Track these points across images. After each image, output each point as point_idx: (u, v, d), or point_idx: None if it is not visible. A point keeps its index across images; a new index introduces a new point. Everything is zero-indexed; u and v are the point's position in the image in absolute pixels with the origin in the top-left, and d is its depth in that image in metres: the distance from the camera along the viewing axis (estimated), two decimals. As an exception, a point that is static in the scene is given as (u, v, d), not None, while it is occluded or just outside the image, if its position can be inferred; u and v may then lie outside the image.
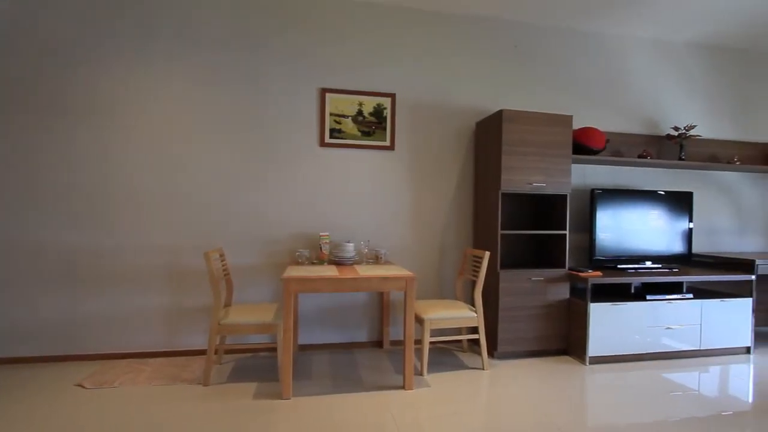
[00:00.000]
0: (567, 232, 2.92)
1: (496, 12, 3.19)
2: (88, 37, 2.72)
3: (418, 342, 3.16)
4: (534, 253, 3.29)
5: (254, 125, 2.93)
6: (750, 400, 2.28)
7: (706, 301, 2.95)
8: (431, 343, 3.18)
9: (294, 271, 2.37)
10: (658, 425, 1.99)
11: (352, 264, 2.75)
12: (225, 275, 2.68)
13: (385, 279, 2.31)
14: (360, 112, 3.04)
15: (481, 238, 3.10)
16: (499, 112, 2.81)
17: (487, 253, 2.63)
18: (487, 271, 2.94)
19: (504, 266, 2.96)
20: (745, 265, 3.10)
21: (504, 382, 2.47)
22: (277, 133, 2.96)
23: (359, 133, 3.05)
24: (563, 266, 2.92)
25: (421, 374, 2.58)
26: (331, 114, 3.00)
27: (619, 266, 3.15)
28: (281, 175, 2.97)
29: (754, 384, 2.50)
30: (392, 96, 3.08)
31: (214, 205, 2.88)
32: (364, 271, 2.44)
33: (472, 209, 3.28)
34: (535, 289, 2.87)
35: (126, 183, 2.78)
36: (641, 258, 3.22)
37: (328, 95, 2.99)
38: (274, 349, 2.95)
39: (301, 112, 2.99)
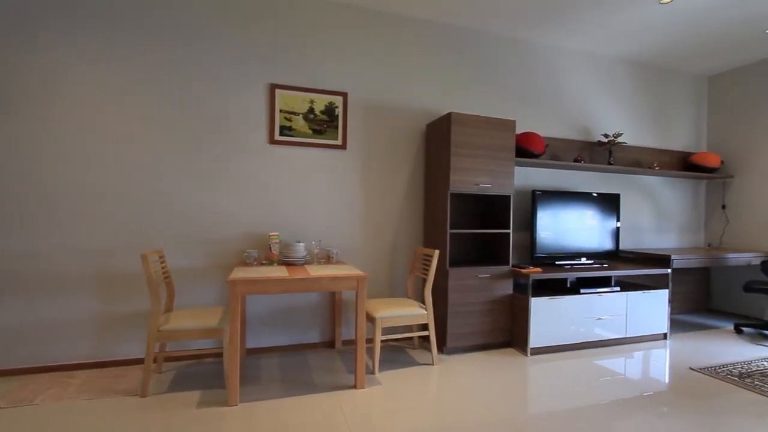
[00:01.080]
0: (511, 231, 3.08)
1: (446, 18, 3.29)
2: (13, 27, 2.43)
3: (371, 341, 3.17)
4: (480, 251, 3.43)
5: (199, 120, 2.78)
6: (666, 380, 2.55)
7: (631, 293, 3.24)
8: (383, 341, 3.21)
9: (241, 273, 2.28)
10: (590, 409, 2.16)
11: (302, 264, 2.71)
12: (165, 278, 2.52)
13: (336, 279, 2.30)
14: (311, 110, 3.00)
15: (431, 237, 3.18)
16: (448, 115, 2.90)
17: (437, 252, 2.70)
18: (436, 269, 3.02)
19: (453, 264, 3.06)
20: (662, 260, 3.45)
21: (452, 376, 2.55)
22: (224, 129, 2.84)
23: (311, 132, 3.00)
24: (507, 263, 3.08)
25: (373, 373, 2.59)
26: (281, 111, 2.93)
27: (557, 262, 3.38)
28: (228, 173, 2.85)
29: (670, 366, 2.79)
30: (344, 95, 3.07)
31: (155, 204, 2.70)
32: (315, 271, 2.41)
33: (422, 209, 3.35)
34: (481, 285, 2.99)
35: (51, 180, 2.52)
36: (577, 254, 3.47)
37: (278, 91, 2.92)
38: (220, 355, 2.83)
39: (250, 107, 2.89)
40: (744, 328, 3.63)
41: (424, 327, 3.11)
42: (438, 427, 1.94)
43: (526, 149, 3.29)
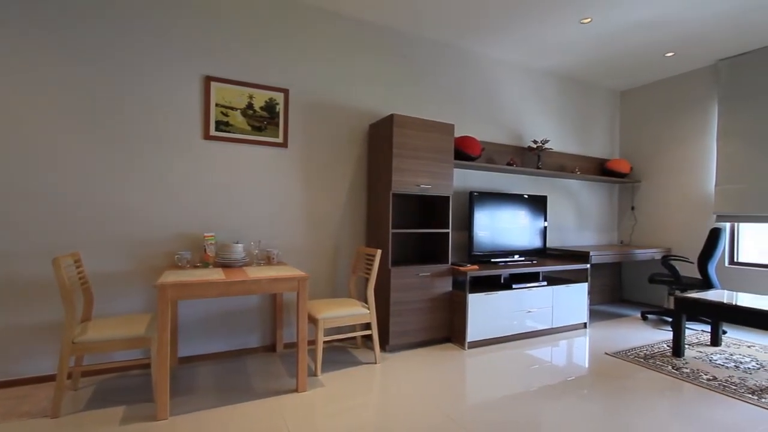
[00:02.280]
0: (450, 231, 3.21)
1: (389, 21, 3.34)
2: None
3: (314, 342, 3.13)
4: (421, 251, 3.53)
5: (123, 113, 2.55)
6: (586, 365, 2.80)
7: (556, 287, 3.53)
8: (326, 342, 3.18)
9: (172, 276, 2.13)
10: (521, 395, 2.31)
11: (241, 266, 2.60)
12: (82, 284, 2.28)
13: (277, 280, 2.24)
14: (250, 106, 2.89)
15: (373, 236, 3.21)
16: (391, 117, 2.95)
17: (379, 251, 2.73)
18: (379, 268, 3.05)
19: (395, 263, 3.12)
20: (582, 256, 3.80)
21: (394, 374, 2.60)
22: (152, 123, 2.63)
23: (249, 128, 2.89)
24: (447, 262, 3.20)
25: (315, 375, 2.55)
26: (217, 105, 2.78)
27: (493, 260, 3.57)
28: (157, 170, 2.65)
29: (589, 352, 3.08)
30: (285, 91, 3.00)
31: (69, 203, 2.43)
32: (255, 272, 2.32)
33: (365, 209, 3.37)
34: (422, 283, 3.07)
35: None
36: (510, 252, 3.70)
37: (213, 84, 2.77)
38: (148, 366, 2.62)
39: (182, 100, 2.71)
40: (649, 316, 4.11)
41: (367, 326, 3.13)
42: (380, 424, 1.96)
43: (464, 152, 3.45)
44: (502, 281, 3.43)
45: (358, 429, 1.92)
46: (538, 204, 3.89)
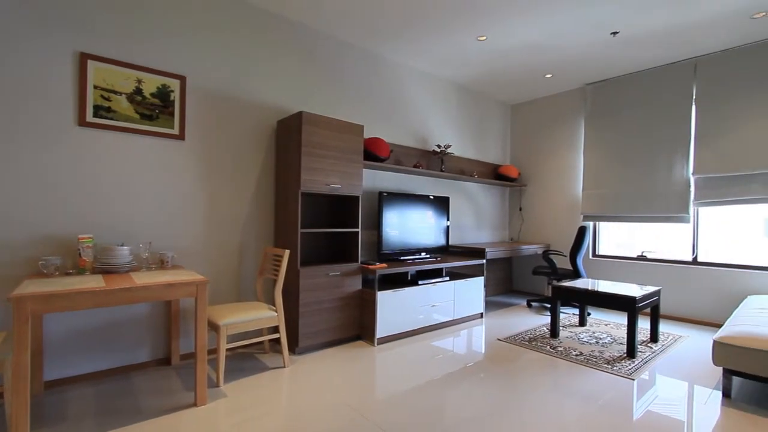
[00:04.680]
0: (359, 230, 3.25)
1: (300, 17, 3.26)
2: None
3: (216, 351, 2.90)
4: (331, 250, 3.52)
5: (-39, 86, 2.07)
6: (483, 351, 3.08)
7: (457, 281, 3.81)
8: (229, 349, 2.98)
9: (33, 286, 1.80)
10: (427, 385, 2.44)
11: (127, 271, 2.30)
12: None
13: (171, 286, 2.03)
14: (139, 91, 2.57)
15: (282, 236, 3.10)
16: (299, 114, 2.88)
17: (287, 252, 2.65)
18: (287, 269, 2.97)
19: (304, 263, 3.05)
20: (479, 252, 4.16)
21: (304, 376, 2.55)
22: (9, 104, 2.19)
23: (137, 116, 2.57)
24: (356, 261, 3.24)
25: (217, 385, 2.38)
26: (96, 87, 2.42)
27: (401, 258, 3.71)
28: (16, 160, 2.21)
29: (485, 340, 3.38)
30: (182, 78, 2.74)
31: None
32: (143, 278, 2.08)
33: (273, 208, 3.24)
34: (332, 283, 3.07)
35: None
36: (418, 250, 3.88)
37: (91, 63, 2.41)
38: (1, 395, 2.17)
39: (50, 79, 2.30)
40: (533, 303, 4.67)
41: (275, 329, 3.02)
42: (288, 430, 1.91)
43: (373, 153, 3.53)
44: (409, 278, 3.59)
45: (265, 437, 1.84)
46: (441, 204, 4.15)
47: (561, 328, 3.68)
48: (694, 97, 3.94)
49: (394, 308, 3.25)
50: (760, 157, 3.52)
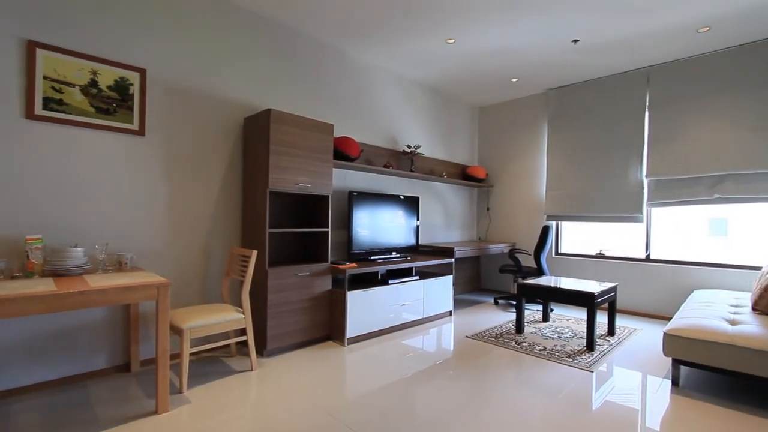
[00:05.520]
0: (329, 230, 3.23)
1: (270, 13, 3.19)
2: None
3: (179, 356, 2.80)
4: (301, 250, 3.47)
5: None
6: (452, 349, 3.13)
7: (426, 280, 3.86)
8: (194, 353, 2.88)
9: (-26, 291, 1.67)
10: (397, 383, 2.46)
11: (80, 274, 2.17)
12: None
13: (129, 289, 1.94)
14: (94, 83, 2.43)
15: (249, 236, 3.03)
16: (267, 111, 2.82)
17: (255, 252, 2.59)
18: (255, 269, 2.90)
19: (272, 264, 3.00)
20: (448, 251, 4.23)
21: (272, 378, 2.50)
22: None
23: (93, 110, 2.43)
24: (326, 260, 3.21)
25: (180, 391, 2.29)
26: (46, 78, 2.27)
27: (372, 258, 3.71)
28: (-50, 154, 2.03)
29: (454, 337, 3.44)
30: (142, 71, 2.61)
31: None
32: (99, 281, 1.97)
33: (240, 207, 3.16)
34: (301, 283, 3.03)
35: None
36: (388, 250, 3.90)
37: (40, 52, 2.25)
38: (-66, 411, 1.99)
39: (-8, 67, 2.14)
40: (500, 301, 4.80)
41: (243, 332, 2.94)
42: (256, 434, 1.87)
43: (343, 153, 3.51)
44: (379, 277, 3.60)
45: (231, 442, 1.79)
46: (411, 204, 4.19)
47: (526, 324, 3.81)
48: (647, 104, 4.19)
49: (364, 308, 3.25)
50: (703, 161, 3.79)
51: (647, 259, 4.28)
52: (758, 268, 3.66)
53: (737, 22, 3.24)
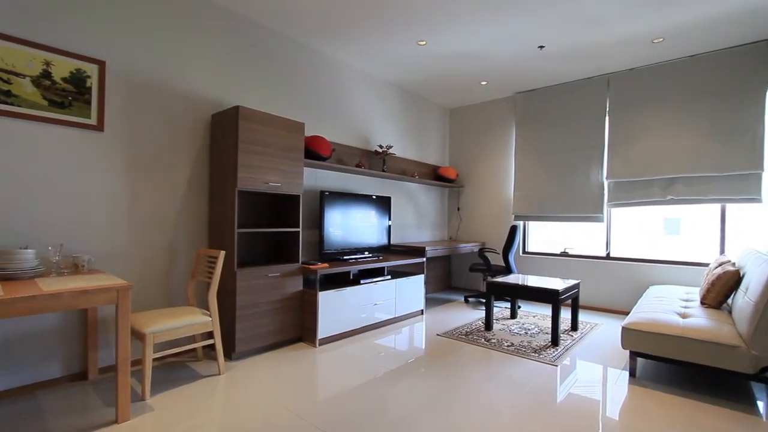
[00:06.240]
0: (300, 230, 3.18)
1: (240, 8, 3.11)
2: None
3: (141, 362, 2.68)
4: (271, 250, 3.41)
5: None
6: (423, 347, 3.16)
7: (398, 279, 3.88)
8: (157, 359, 2.76)
9: None
10: (369, 383, 2.46)
11: (32, 277, 2.04)
12: None
13: (85, 293, 1.84)
14: (47, 75, 2.29)
15: (216, 237, 2.95)
16: (236, 108, 2.76)
17: (223, 253, 2.52)
18: (223, 270, 2.82)
19: (241, 265, 2.92)
20: (420, 251, 4.28)
21: (240, 383, 2.44)
22: None
23: (46, 102, 2.29)
24: (297, 261, 3.17)
25: (142, 398, 2.19)
26: (-8, 68, 2.12)
27: (344, 257, 3.69)
28: None
29: (425, 335, 3.48)
30: (101, 64, 2.48)
31: None
32: (52, 285, 1.86)
33: (207, 206, 3.06)
34: (271, 284, 2.97)
35: None
36: (360, 249, 3.89)
37: (-14, 41, 2.10)
38: None
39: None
40: (470, 299, 4.89)
41: (210, 335, 2.85)
42: (223, 439, 1.82)
43: (315, 152, 3.48)
44: (351, 277, 3.59)
45: (197, 449, 1.73)
46: (383, 204, 4.20)
47: (495, 321, 3.90)
48: (607, 109, 4.39)
49: (336, 308, 3.23)
50: (657, 165, 4.01)
51: (607, 257, 4.49)
52: (706, 265, 3.91)
53: (687, 35, 3.45)
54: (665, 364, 2.81)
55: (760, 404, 2.24)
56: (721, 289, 2.75)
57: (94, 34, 2.48)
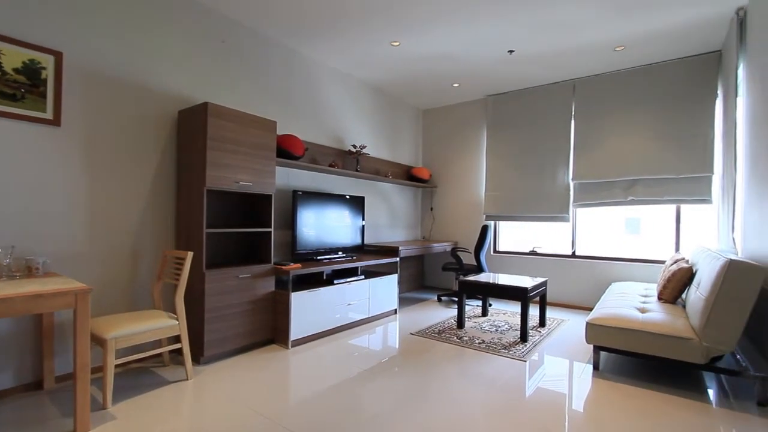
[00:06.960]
0: (272, 230, 3.13)
1: (213, 3, 3.02)
2: None
3: (102, 369, 2.55)
4: (242, 251, 3.33)
5: None
6: (397, 346, 3.18)
7: (372, 279, 3.88)
8: (120, 365, 2.64)
9: None
10: (342, 383, 2.45)
11: (-21, 282, 1.91)
12: None
13: (39, 297, 1.74)
14: (-3, 66, 2.15)
15: (184, 237, 2.85)
16: (204, 105, 2.68)
17: (190, 254, 2.45)
18: (191, 272, 2.74)
19: (210, 266, 2.84)
20: (393, 251, 4.30)
21: (209, 387, 2.37)
22: None
23: (-4, 95, 2.15)
24: (269, 261, 3.11)
25: (104, 407, 2.09)
26: (-67, 57, 1.96)
27: (317, 258, 3.66)
28: None
29: (399, 334, 3.50)
30: (58, 54, 2.35)
31: None
32: (2, 289, 1.74)
33: (173, 206, 2.96)
34: (242, 286, 2.90)
35: None
36: (334, 249, 3.86)
37: (-74, 26, 1.94)
38: None
39: None
40: (443, 297, 4.96)
41: (177, 339, 2.76)
42: (191, 446, 1.76)
43: (287, 151, 3.43)
44: (324, 278, 3.56)
45: (163, 458, 1.67)
46: (357, 204, 4.19)
47: (466, 319, 3.97)
48: (573, 113, 4.56)
49: (309, 309, 3.20)
50: (619, 167, 4.21)
51: (573, 255, 4.66)
52: (663, 262, 4.14)
53: (646, 44, 3.64)
54: (626, 357, 2.95)
55: (710, 392, 2.39)
56: (676, 285, 2.92)
57: (50, 23, 2.34)
